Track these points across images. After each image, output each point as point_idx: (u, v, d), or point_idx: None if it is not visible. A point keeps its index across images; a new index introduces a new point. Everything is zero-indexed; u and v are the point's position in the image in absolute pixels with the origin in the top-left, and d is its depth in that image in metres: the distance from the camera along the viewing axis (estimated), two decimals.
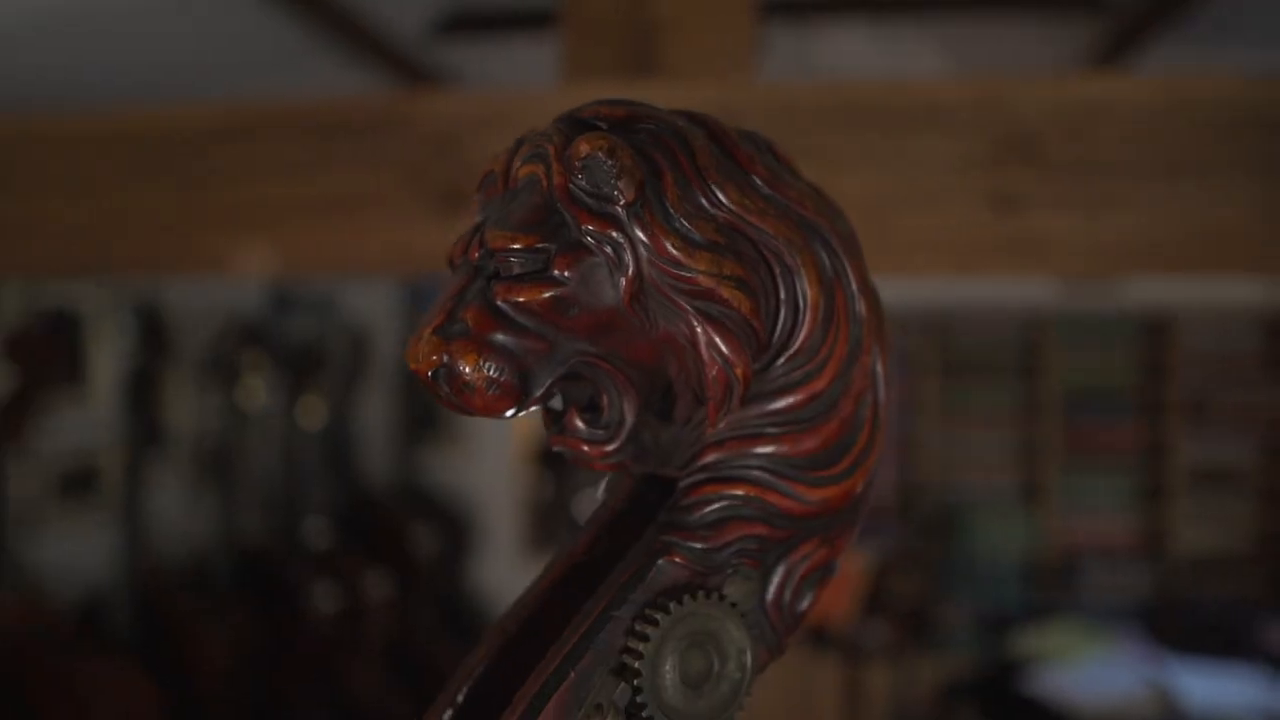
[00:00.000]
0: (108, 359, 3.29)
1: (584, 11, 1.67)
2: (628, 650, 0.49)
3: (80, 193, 1.80)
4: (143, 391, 3.34)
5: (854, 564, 3.61)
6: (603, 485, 0.61)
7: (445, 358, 0.47)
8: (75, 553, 3.18)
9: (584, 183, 0.47)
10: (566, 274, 0.48)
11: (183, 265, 1.82)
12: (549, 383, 0.49)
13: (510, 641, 0.55)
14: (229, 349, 3.61)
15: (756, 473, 0.53)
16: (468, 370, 0.47)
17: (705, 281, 0.49)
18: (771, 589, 0.54)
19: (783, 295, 0.52)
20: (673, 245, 0.48)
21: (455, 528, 4.25)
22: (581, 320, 0.49)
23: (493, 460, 4.41)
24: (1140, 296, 3.82)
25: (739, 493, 0.52)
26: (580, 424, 0.52)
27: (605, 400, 0.52)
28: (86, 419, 3.23)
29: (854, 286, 0.54)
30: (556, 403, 0.53)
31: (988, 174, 1.53)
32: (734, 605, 0.51)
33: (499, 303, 0.48)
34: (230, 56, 2.90)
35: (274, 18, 2.83)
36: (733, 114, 1.63)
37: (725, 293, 0.49)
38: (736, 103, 1.60)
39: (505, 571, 4.30)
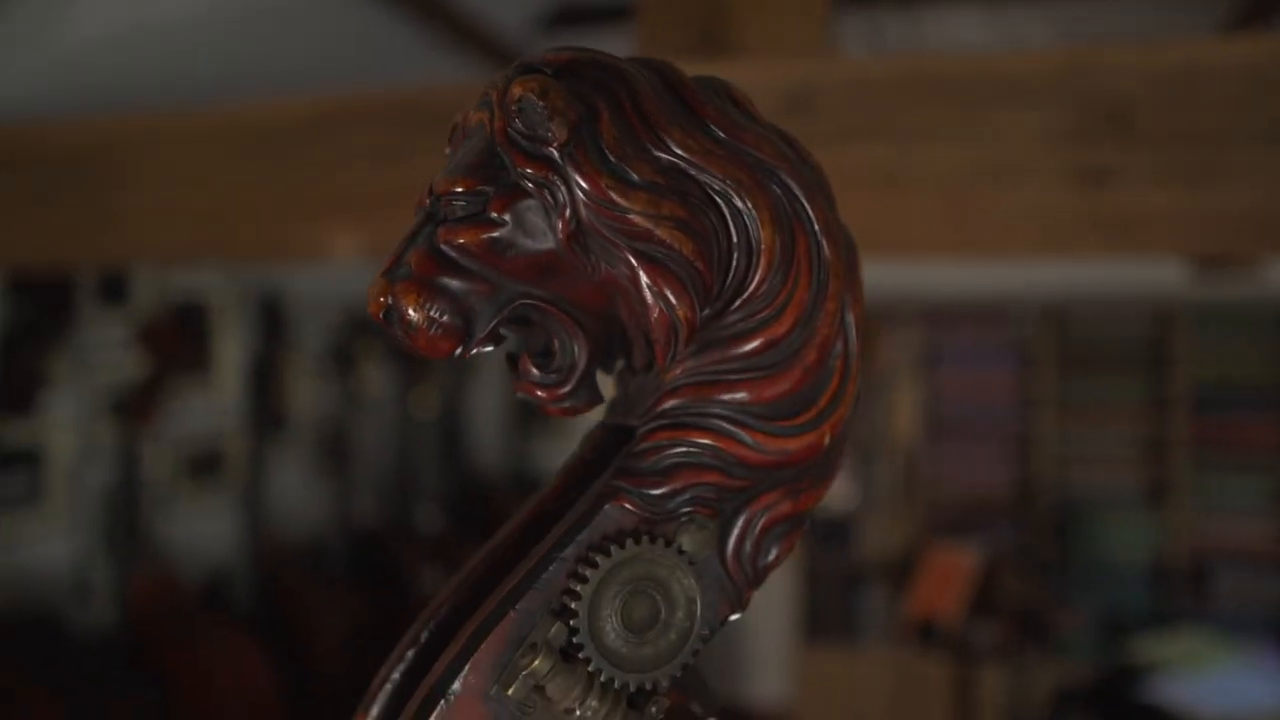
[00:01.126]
0: (232, 348, 3.46)
1: None
2: (568, 591, 0.49)
3: (200, 182, 1.90)
4: (264, 379, 3.50)
5: (963, 560, 3.50)
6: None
7: (390, 299, 0.49)
8: (201, 532, 3.35)
9: (520, 125, 0.48)
10: (502, 216, 0.48)
11: (293, 250, 1.90)
12: (492, 325, 0.50)
13: (476, 585, 0.55)
14: (346, 339, 3.75)
15: (713, 420, 0.52)
16: (410, 311, 0.48)
17: (641, 222, 0.48)
18: (730, 540, 0.53)
19: (735, 239, 0.51)
20: (607, 185, 0.48)
21: None
22: (521, 262, 0.49)
23: None
24: None
25: (693, 439, 0.52)
26: (534, 369, 0.52)
27: (556, 344, 0.52)
28: (212, 405, 3.41)
29: (818, 231, 0.53)
30: (511, 346, 0.54)
31: (1075, 147, 1.46)
32: (682, 552, 0.51)
33: (441, 246, 0.49)
34: (343, 52, 3.01)
35: (385, 16, 2.93)
36: (809, 92, 1.61)
37: (663, 233, 0.49)
38: (813, 80, 1.57)
39: None
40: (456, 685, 0.48)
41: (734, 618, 0.54)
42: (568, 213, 0.48)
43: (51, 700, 2.58)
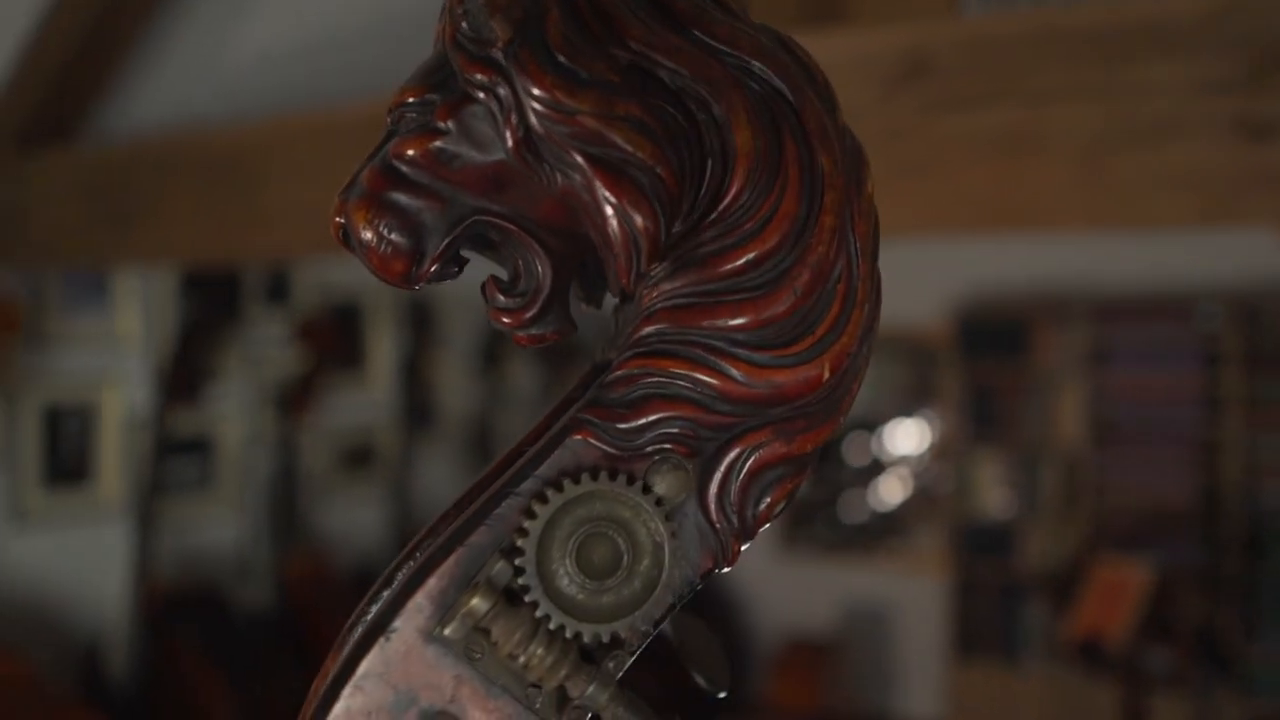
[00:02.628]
0: (385, 345, 3.59)
1: None
2: (519, 529, 0.44)
3: (326, 180, 1.96)
4: (414, 376, 3.61)
5: (1134, 576, 3.25)
6: None
7: (344, 218, 0.46)
8: (353, 520, 3.48)
9: (465, 28, 0.44)
10: (448, 124, 0.45)
11: None
12: (445, 243, 0.46)
13: (451, 522, 0.52)
14: (492, 337, 3.82)
15: (690, 348, 0.46)
16: (360, 228, 0.46)
17: (591, 123, 0.44)
18: (712, 484, 0.47)
19: (707, 143, 0.46)
20: (552, 84, 0.43)
21: None
22: (470, 173, 0.45)
23: None
24: None
25: (666, 368, 0.46)
26: (498, 294, 0.48)
27: (521, 266, 0.48)
28: (365, 400, 3.54)
29: (809, 134, 0.47)
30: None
31: (1235, 97, 1.31)
32: (648, 491, 0.45)
33: (391, 160, 0.46)
34: None
35: None
36: (927, 56, 1.51)
37: (617, 135, 0.44)
38: (930, 43, 1.47)
39: (756, 566, 4.25)
40: (397, 622, 0.44)
41: (721, 571, 0.48)
42: (514, 118, 0.44)
43: (215, 670, 2.73)
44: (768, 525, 0.49)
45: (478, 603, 0.43)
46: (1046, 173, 1.42)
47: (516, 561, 0.44)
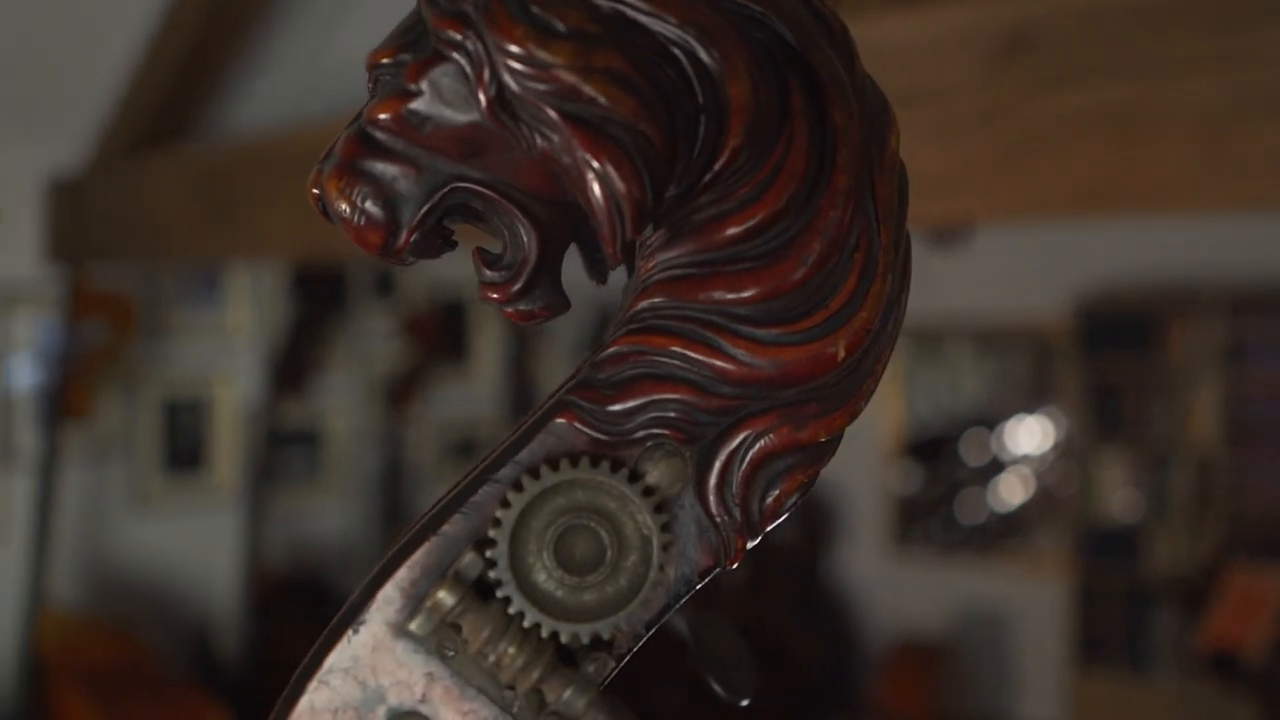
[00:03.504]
0: (489, 340, 3.62)
1: None
2: (493, 519, 0.41)
3: None
4: (519, 370, 3.64)
5: (1272, 585, 3.04)
6: None
7: (318, 189, 0.44)
8: None
9: None
10: (418, 84, 0.42)
11: None
12: (422, 213, 0.43)
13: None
14: (597, 332, 3.82)
15: (684, 323, 0.42)
16: (334, 198, 0.43)
17: (567, 77, 0.40)
18: (712, 474, 0.43)
19: (701, 98, 0.41)
20: (523, 36, 0.40)
21: (816, 517, 4.17)
22: (443, 136, 0.42)
23: (860, 450, 4.26)
24: None
25: (658, 345, 0.42)
26: (485, 268, 0.45)
27: (507, 237, 0.44)
28: (470, 394, 3.58)
29: (819, 87, 0.42)
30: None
31: None
32: (635, 480, 0.41)
33: (365, 126, 0.43)
34: None
35: None
36: (1030, 29, 1.42)
37: (594, 90, 0.40)
38: (1033, 15, 1.38)
39: (868, 566, 4.14)
40: (365, 615, 0.41)
41: (725, 570, 0.44)
42: (486, 75, 0.41)
43: None
44: (777, 521, 0.44)
45: (444, 596, 0.40)
46: (1163, 151, 1.32)
47: (488, 554, 0.40)
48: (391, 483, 3.26)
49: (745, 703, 0.52)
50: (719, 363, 0.42)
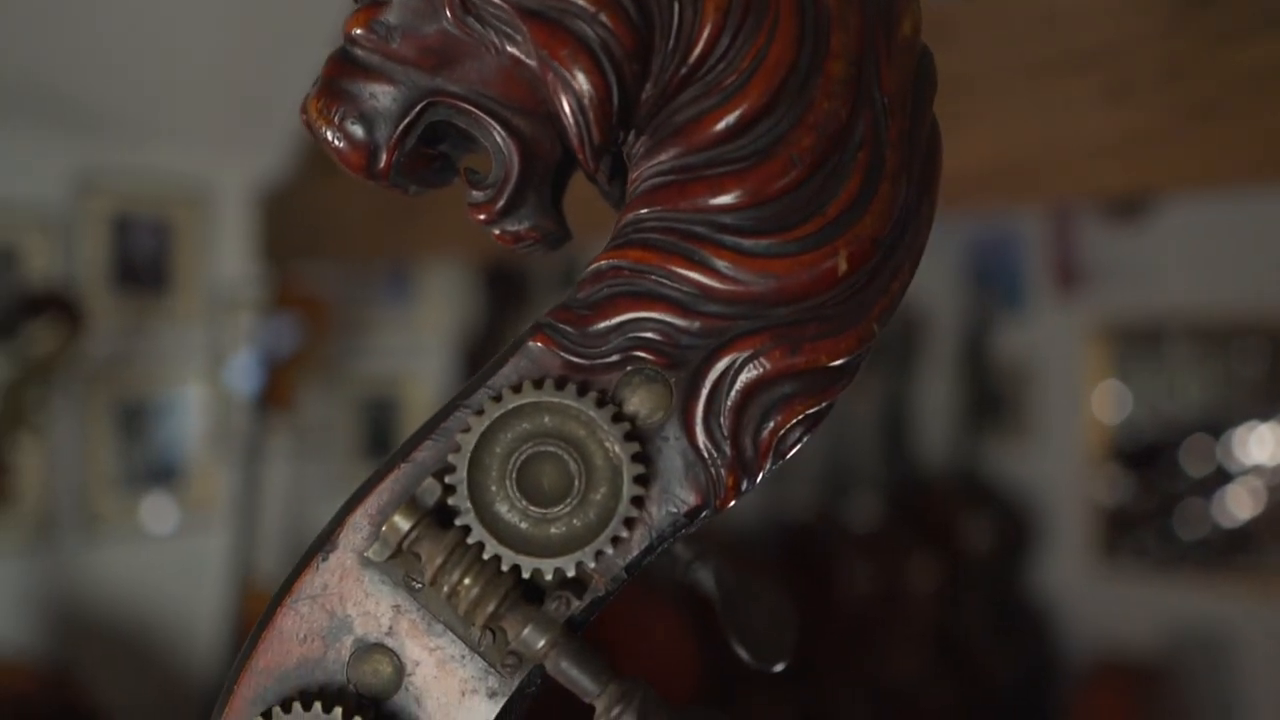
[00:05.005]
0: None
1: None
2: (454, 445, 0.39)
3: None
4: None
5: None
6: None
7: (305, 114, 0.44)
8: None
9: None
10: None
11: None
12: (398, 129, 0.42)
13: None
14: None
15: (663, 235, 0.39)
16: (316, 119, 0.43)
17: None
18: (699, 401, 0.39)
19: None
20: None
21: (1015, 524, 3.94)
22: (414, 47, 0.42)
23: (1065, 455, 3.99)
24: None
25: (635, 260, 0.39)
26: (470, 188, 0.44)
27: (491, 155, 0.43)
28: None
29: None
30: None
31: None
32: (604, 405, 0.39)
33: (344, 45, 0.43)
34: None
35: None
36: None
37: None
38: None
39: (1070, 579, 3.87)
40: (334, 541, 0.41)
41: (716, 511, 0.40)
42: None
43: None
44: (775, 459, 0.40)
45: (399, 520, 0.38)
46: None
47: (447, 479, 0.39)
48: None
49: (778, 669, 0.47)
50: (700, 277, 0.39)
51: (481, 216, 0.43)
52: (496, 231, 0.43)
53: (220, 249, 2.58)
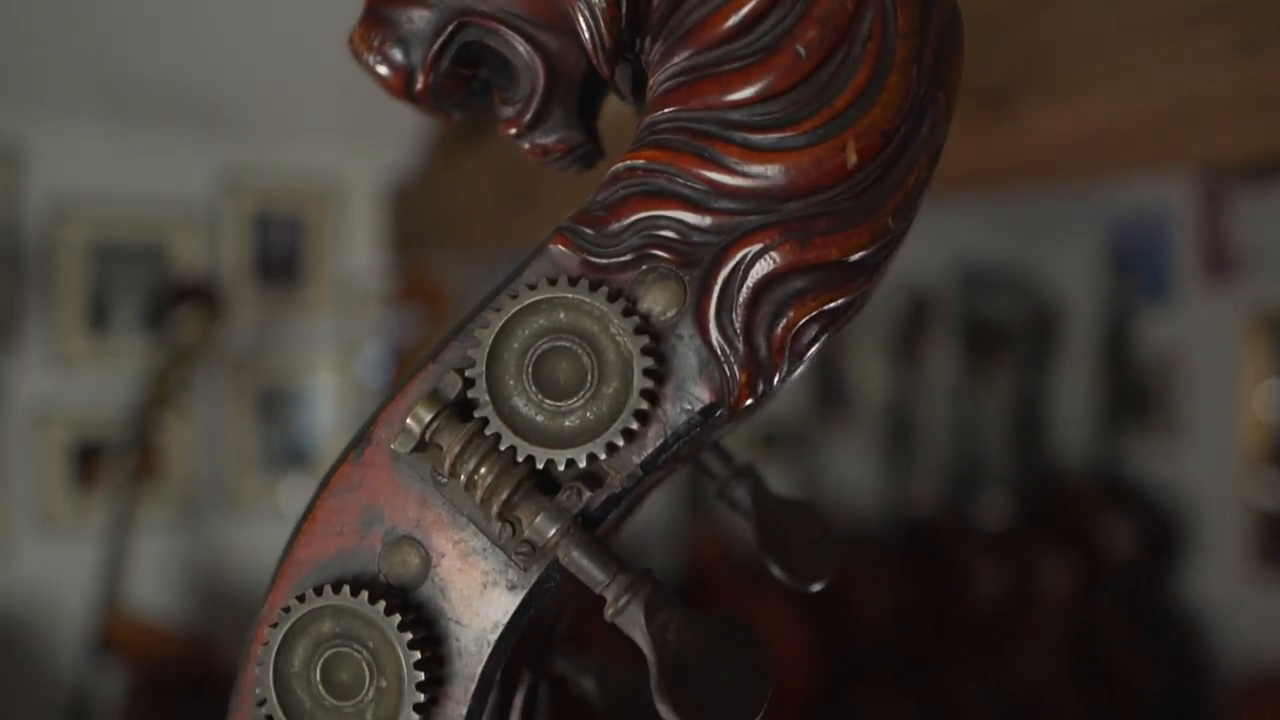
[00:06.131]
0: None
1: None
2: (474, 340, 0.41)
3: None
4: (826, 360, 3.58)
5: None
6: None
7: (350, 45, 0.46)
8: None
9: None
10: None
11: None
12: (434, 50, 0.44)
13: None
14: (910, 320, 3.68)
15: (674, 134, 0.40)
16: (359, 47, 0.46)
17: None
18: (711, 297, 0.39)
19: None
20: None
21: (1161, 528, 3.74)
22: None
23: (1216, 455, 3.77)
24: None
25: (647, 159, 0.40)
26: (501, 104, 0.45)
27: (520, 72, 0.44)
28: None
29: None
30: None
31: None
32: (616, 300, 0.39)
33: None
34: None
35: None
36: None
37: None
38: None
39: (1224, 588, 3.65)
40: (369, 436, 0.42)
41: (731, 411, 0.40)
42: None
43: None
44: (790, 359, 0.40)
45: (420, 411, 0.40)
46: None
47: (467, 373, 0.40)
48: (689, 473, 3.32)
49: (814, 588, 0.47)
50: (712, 173, 0.39)
51: (512, 130, 0.44)
52: (526, 145, 0.45)
53: (350, 242, 2.70)
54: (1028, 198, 3.39)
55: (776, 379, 0.40)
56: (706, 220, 0.39)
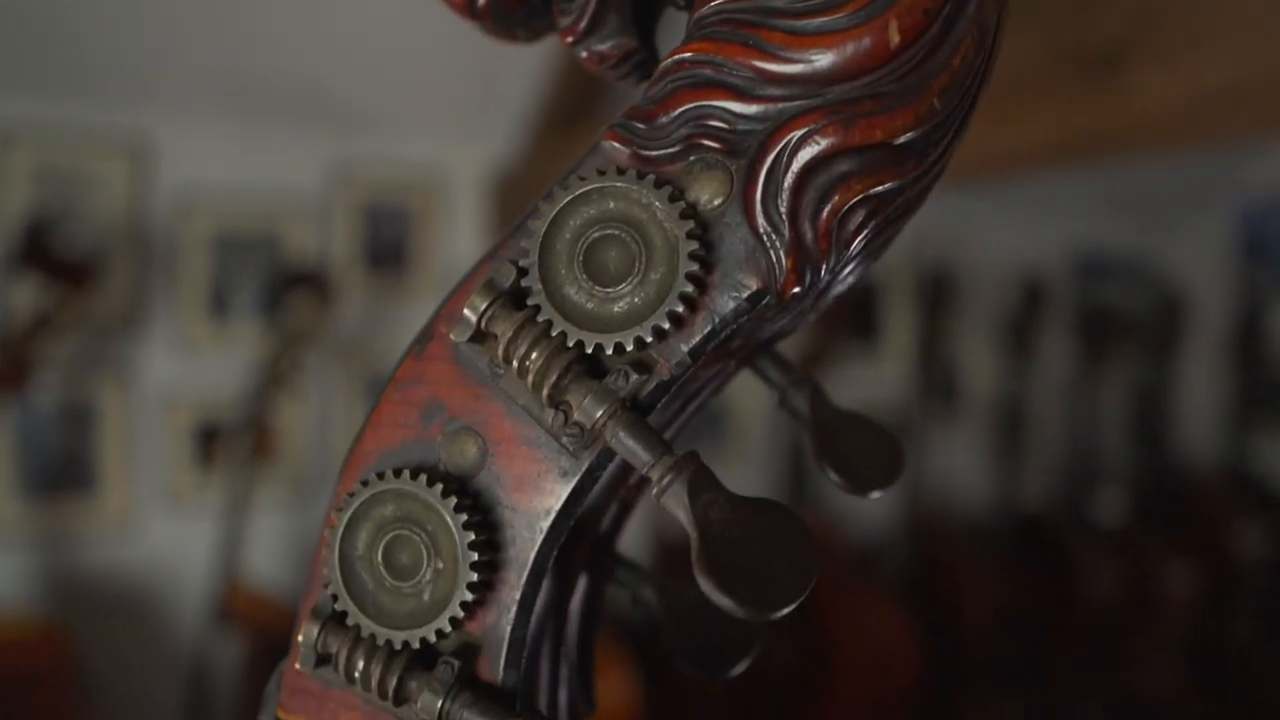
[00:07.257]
0: (901, 319, 3.53)
1: None
2: (528, 231, 0.42)
3: None
4: (933, 353, 3.50)
5: None
6: None
7: None
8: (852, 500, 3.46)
9: None
10: None
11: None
12: None
13: None
14: (1023, 312, 3.57)
15: (719, 26, 0.40)
16: None
17: None
18: (757, 183, 0.39)
19: None
20: None
21: None
22: None
23: None
24: None
25: (694, 51, 0.40)
26: (559, 15, 0.46)
27: None
28: (882, 376, 3.51)
29: None
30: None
31: None
32: (661, 187, 0.39)
33: None
34: None
35: None
36: None
37: None
38: None
39: None
40: (431, 331, 0.44)
41: (780, 298, 0.40)
42: None
43: None
44: (839, 246, 0.39)
45: (475, 299, 0.41)
46: None
47: (520, 263, 0.41)
48: (796, 460, 3.30)
49: (874, 495, 0.46)
50: (756, 60, 0.39)
51: (569, 39, 0.45)
52: (584, 53, 0.45)
53: (455, 230, 2.76)
54: (1147, 171, 3.25)
55: (825, 267, 0.40)
56: (752, 108, 0.39)
